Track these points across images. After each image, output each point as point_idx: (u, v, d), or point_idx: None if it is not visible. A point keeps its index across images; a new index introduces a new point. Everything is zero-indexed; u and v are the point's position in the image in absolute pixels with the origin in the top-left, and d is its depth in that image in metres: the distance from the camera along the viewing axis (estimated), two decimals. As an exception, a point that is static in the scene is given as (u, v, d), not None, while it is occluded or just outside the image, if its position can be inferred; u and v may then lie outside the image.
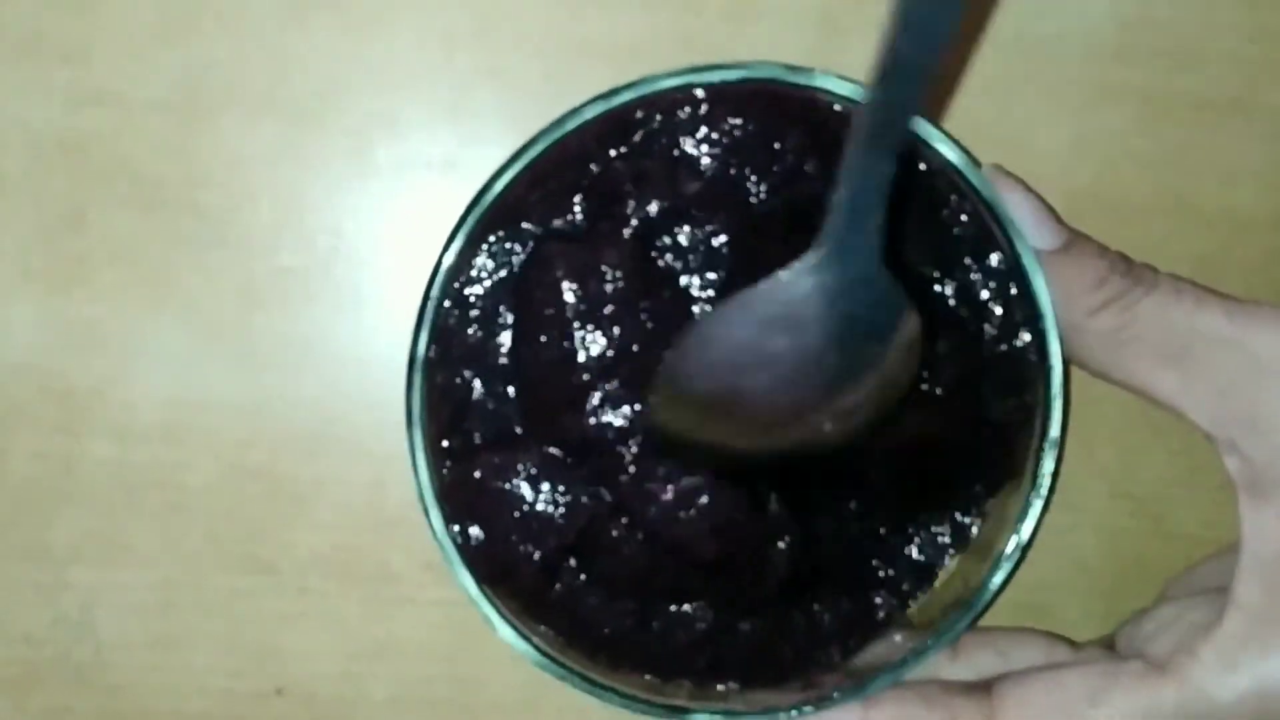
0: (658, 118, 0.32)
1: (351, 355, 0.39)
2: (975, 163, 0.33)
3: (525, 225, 0.32)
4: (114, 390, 0.38)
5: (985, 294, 0.34)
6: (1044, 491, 0.33)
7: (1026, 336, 0.33)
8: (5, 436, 0.38)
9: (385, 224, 0.38)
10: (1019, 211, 0.33)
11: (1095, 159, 0.37)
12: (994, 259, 0.33)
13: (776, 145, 0.32)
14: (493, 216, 0.32)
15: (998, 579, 0.33)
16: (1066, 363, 0.33)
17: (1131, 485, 0.39)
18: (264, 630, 0.39)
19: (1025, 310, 0.33)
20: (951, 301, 0.34)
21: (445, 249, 0.32)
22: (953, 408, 0.34)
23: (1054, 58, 0.38)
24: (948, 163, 0.33)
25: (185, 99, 0.38)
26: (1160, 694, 0.32)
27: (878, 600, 0.35)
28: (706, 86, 0.32)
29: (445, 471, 0.33)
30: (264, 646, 0.39)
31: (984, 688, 0.33)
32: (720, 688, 0.34)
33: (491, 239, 0.32)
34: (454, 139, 0.38)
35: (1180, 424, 0.36)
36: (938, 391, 0.34)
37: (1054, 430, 0.33)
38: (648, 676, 0.34)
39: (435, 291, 0.32)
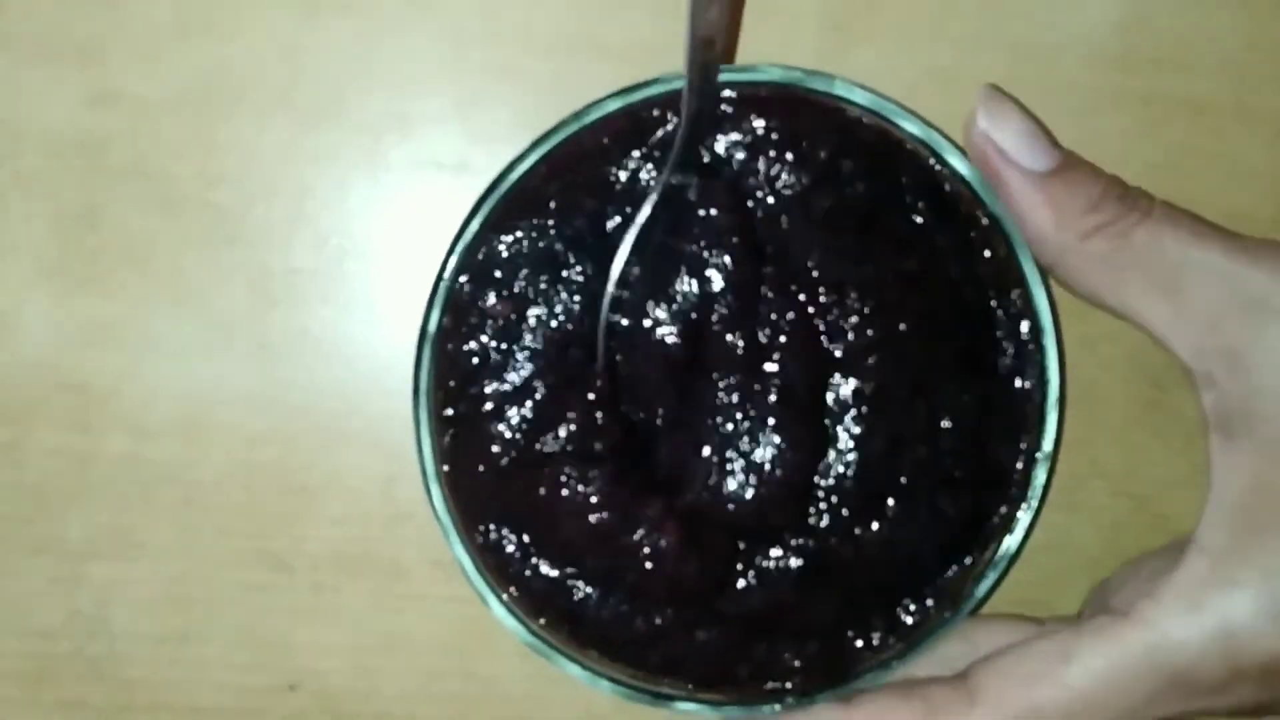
0: (672, 117, 0.33)
1: (363, 352, 0.39)
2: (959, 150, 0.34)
3: (541, 215, 0.33)
4: (128, 387, 0.38)
5: (990, 309, 0.34)
6: (1034, 504, 0.33)
7: (1022, 350, 0.34)
8: (21, 432, 0.38)
9: (397, 222, 0.39)
10: (1010, 134, 0.32)
11: (1096, 163, 0.37)
12: (995, 266, 0.34)
13: (799, 149, 0.33)
14: (510, 203, 0.33)
15: (983, 587, 0.34)
16: (1063, 374, 0.33)
17: (1133, 484, 0.40)
18: (277, 625, 0.39)
19: (1023, 321, 0.33)
20: (950, 311, 0.34)
21: (461, 230, 0.33)
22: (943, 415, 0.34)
23: (1054, 63, 0.38)
24: (956, 174, 0.33)
25: (200, 98, 0.38)
26: (1127, 641, 0.31)
27: (875, 608, 0.35)
28: (732, 87, 0.32)
29: (448, 440, 0.33)
30: (277, 641, 0.39)
31: (959, 677, 0.33)
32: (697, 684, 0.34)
33: (507, 225, 0.33)
34: (465, 138, 0.38)
35: (1181, 421, 0.38)
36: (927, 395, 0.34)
37: (1046, 444, 0.33)
38: (637, 671, 0.34)
39: (450, 268, 0.32)
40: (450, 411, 0.33)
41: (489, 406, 0.33)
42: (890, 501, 0.33)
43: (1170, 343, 0.32)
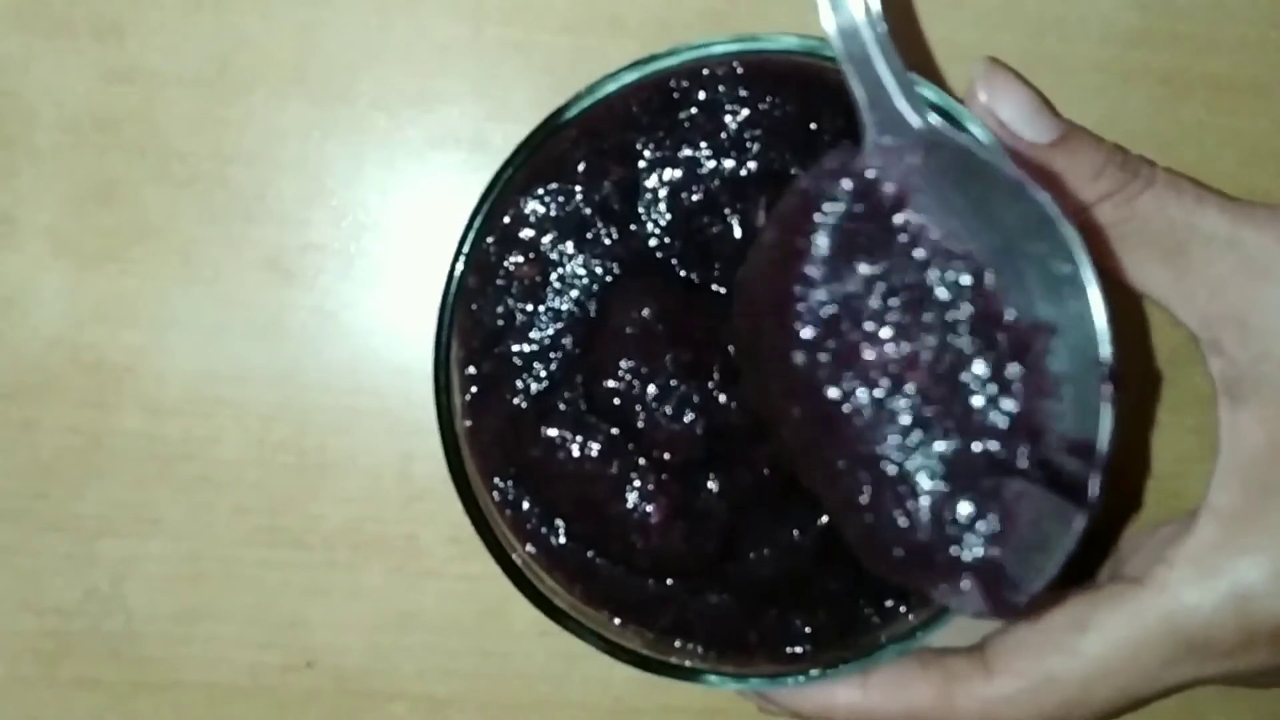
0: (702, 88, 0.32)
1: (379, 329, 0.39)
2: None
3: (569, 179, 0.33)
4: (144, 363, 0.38)
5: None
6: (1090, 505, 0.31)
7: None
8: (36, 409, 0.38)
9: (414, 199, 0.39)
10: (1010, 106, 0.32)
11: (1115, 140, 0.36)
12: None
13: (816, 123, 0.32)
14: (537, 167, 0.32)
15: None
16: (1118, 368, 0.32)
17: (1149, 462, 0.40)
18: (293, 603, 0.39)
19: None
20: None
21: (489, 191, 0.32)
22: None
23: (1073, 40, 0.38)
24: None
25: (216, 75, 0.38)
26: (1142, 607, 0.31)
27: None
28: (754, 55, 0.32)
29: (469, 397, 0.33)
30: (293, 619, 0.39)
31: (976, 647, 0.33)
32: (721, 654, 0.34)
33: (535, 188, 0.33)
34: (483, 114, 0.38)
35: (1196, 399, 0.39)
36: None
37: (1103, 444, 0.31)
38: (652, 635, 0.34)
39: (476, 227, 0.32)
40: (472, 370, 0.33)
41: (512, 365, 0.33)
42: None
43: (1176, 310, 0.32)
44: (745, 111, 0.32)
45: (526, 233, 0.33)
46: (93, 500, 0.39)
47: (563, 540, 0.33)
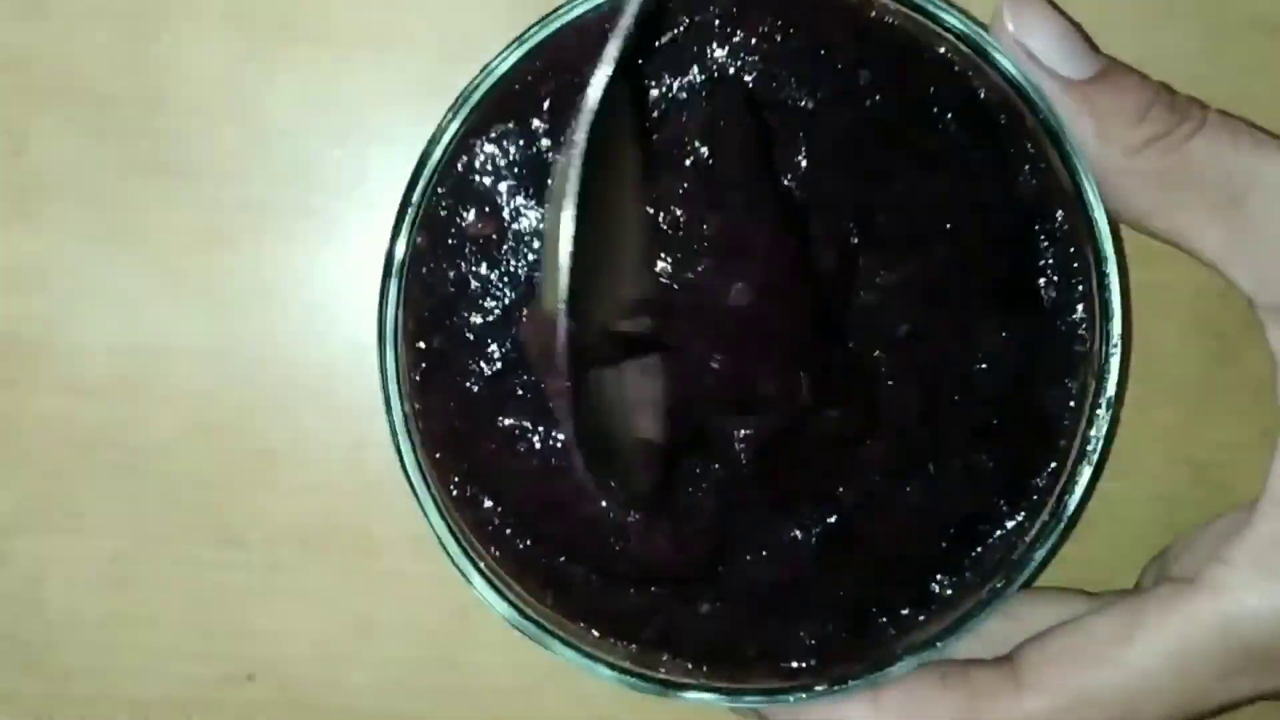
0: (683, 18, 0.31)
1: (328, 299, 0.37)
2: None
3: (529, 118, 0.31)
4: (60, 337, 0.37)
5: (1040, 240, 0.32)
6: (1095, 459, 0.32)
7: (1074, 281, 0.32)
8: (-63, 390, 0.37)
9: (366, 150, 0.37)
10: (1041, 37, 0.31)
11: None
12: (1042, 185, 0.32)
13: (818, 53, 0.31)
14: (493, 105, 0.31)
15: (1040, 554, 0.32)
16: (1127, 308, 0.32)
17: (1193, 449, 0.38)
18: (232, 608, 0.38)
19: (1075, 246, 0.32)
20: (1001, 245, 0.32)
21: (435, 137, 0.31)
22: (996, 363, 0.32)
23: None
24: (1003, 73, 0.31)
25: (137, 7, 0.36)
26: (1197, 613, 0.30)
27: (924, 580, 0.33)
28: None
29: (419, 377, 0.31)
30: (232, 626, 0.38)
31: (1004, 659, 0.32)
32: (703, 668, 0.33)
33: (490, 131, 0.31)
34: (439, 56, 0.36)
35: (1249, 379, 0.37)
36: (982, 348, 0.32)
37: (1109, 388, 0.31)
38: (635, 648, 0.32)
39: (423, 181, 0.31)
40: (423, 345, 0.31)
41: (465, 340, 0.31)
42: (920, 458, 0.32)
43: (1231, 271, 0.31)
44: (734, 35, 0.31)
45: (482, 182, 0.31)
46: (5, 493, 0.37)
47: (529, 544, 0.32)
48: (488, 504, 0.32)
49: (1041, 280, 0.33)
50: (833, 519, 0.32)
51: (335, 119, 0.36)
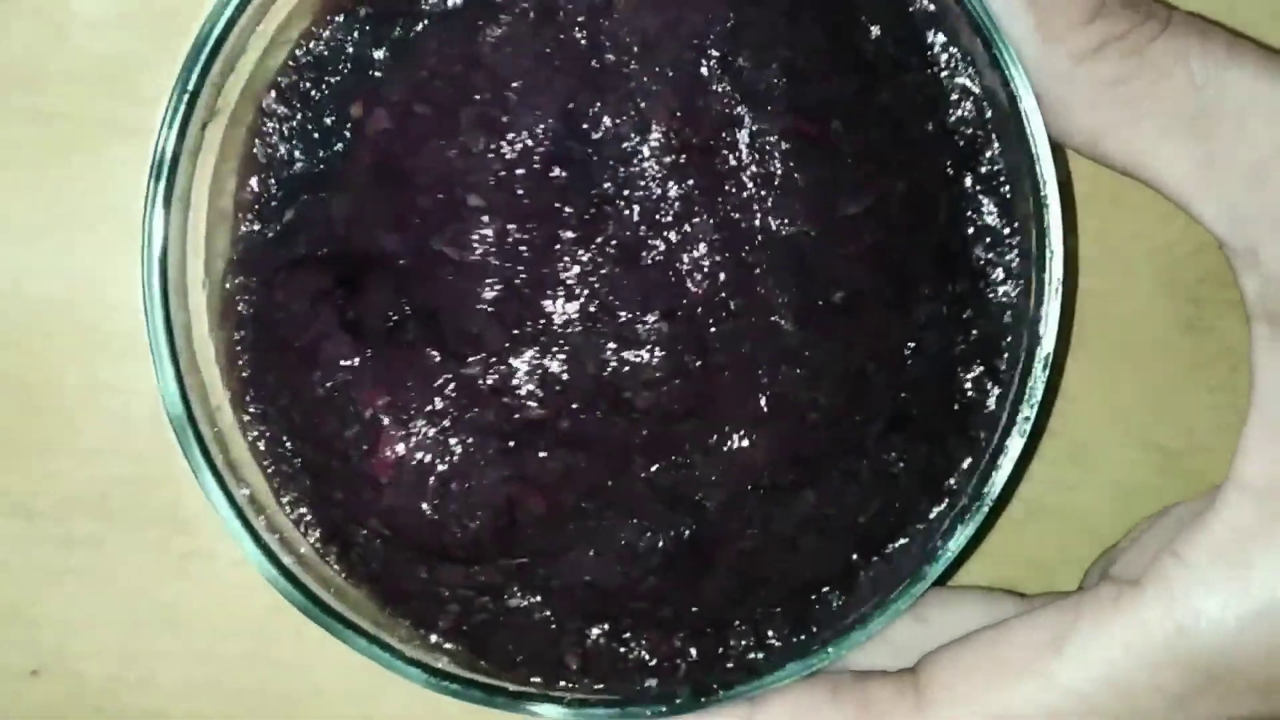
0: None
1: (121, 215, 0.32)
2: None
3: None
4: None
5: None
6: (1026, 428, 0.28)
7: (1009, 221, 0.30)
8: None
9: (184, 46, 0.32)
10: None
11: None
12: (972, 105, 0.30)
13: None
14: None
15: (953, 545, 0.29)
16: (1072, 240, 0.28)
17: (1159, 432, 0.36)
18: (13, 590, 0.35)
19: (1019, 190, 0.29)
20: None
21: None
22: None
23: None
24: None
25: None
26: (1143, 620, 0.27)
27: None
28: None
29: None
30: (14, 612, 0.35)
31: (908, 671, 0.30)
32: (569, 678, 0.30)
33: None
34: None
35: (1225, 352, 0.36)
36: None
37: (1047, 342, 0.28)
38: (434, 636, 0.29)
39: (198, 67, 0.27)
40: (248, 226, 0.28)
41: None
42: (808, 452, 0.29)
43: (1198, 205, 0.28)
44: None
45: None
46: None
47: (307, 484, 0.28)
48: (267, 431, 0.29)
49: (971, 230, 0.29)
50: (692, 525, 0.28)
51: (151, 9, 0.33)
